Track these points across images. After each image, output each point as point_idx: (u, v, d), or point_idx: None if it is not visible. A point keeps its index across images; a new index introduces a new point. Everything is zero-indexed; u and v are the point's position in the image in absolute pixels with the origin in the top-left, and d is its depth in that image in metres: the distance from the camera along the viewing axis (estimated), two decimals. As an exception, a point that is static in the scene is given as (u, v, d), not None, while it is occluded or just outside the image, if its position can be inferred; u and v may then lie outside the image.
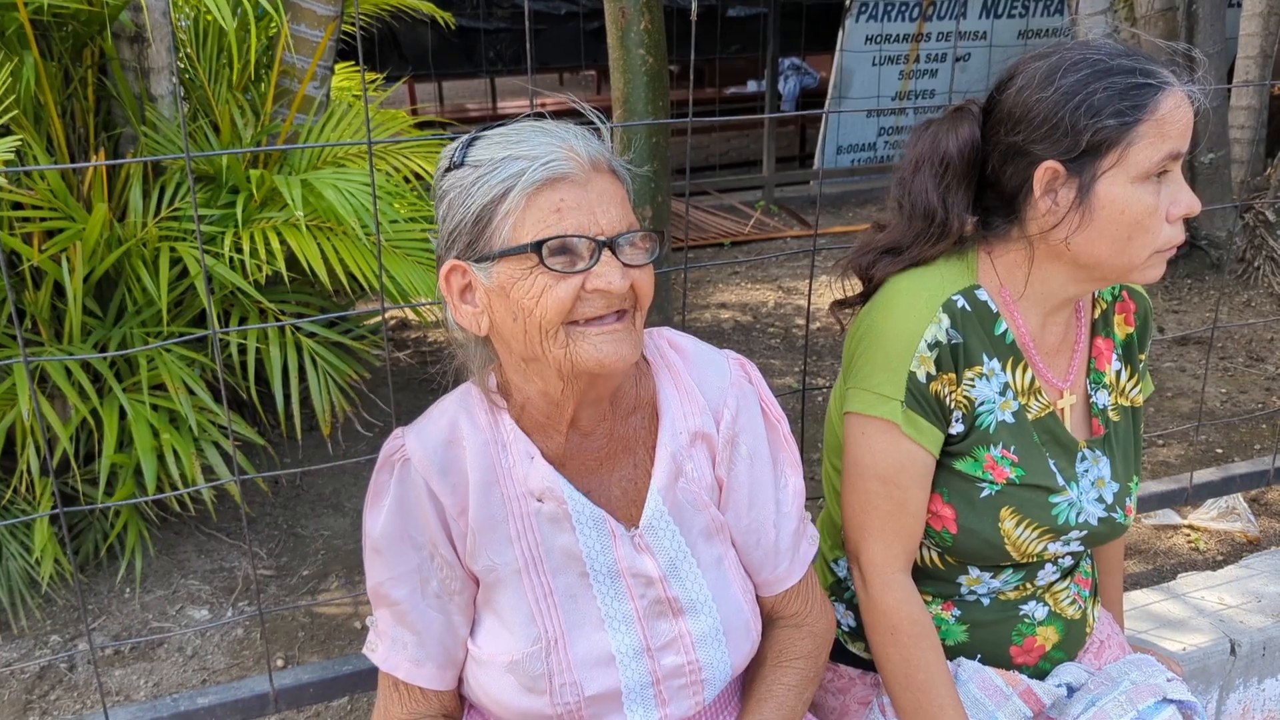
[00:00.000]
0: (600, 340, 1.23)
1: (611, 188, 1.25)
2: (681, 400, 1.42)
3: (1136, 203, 1.42)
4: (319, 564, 3.52)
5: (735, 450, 1.44)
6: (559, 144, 1.22)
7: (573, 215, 1.20)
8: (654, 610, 1.39)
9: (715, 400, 1.43)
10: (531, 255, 1.20)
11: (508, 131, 1.26)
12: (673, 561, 1.39)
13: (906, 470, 1.55)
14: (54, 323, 3.32)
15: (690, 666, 1.40)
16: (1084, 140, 1.42)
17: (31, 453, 3.05)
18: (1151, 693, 1.63)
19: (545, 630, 1.36)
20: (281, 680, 1.96)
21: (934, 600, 1.68)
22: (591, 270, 1.21)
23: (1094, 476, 1.63)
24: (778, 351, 5.37)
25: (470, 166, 1.24)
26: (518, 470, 1.36)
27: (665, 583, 1.39)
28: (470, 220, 1.23)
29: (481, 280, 1.25)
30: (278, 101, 3.88)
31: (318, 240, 3.29)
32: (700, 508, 1.42)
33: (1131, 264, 1.46)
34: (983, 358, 1.54)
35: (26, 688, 2.96)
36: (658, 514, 1.39)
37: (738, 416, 1.43)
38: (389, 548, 1.36)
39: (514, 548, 1.36)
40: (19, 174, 3.13)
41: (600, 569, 1.37)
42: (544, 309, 1.21)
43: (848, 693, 1.77)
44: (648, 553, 1.38)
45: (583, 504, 1.36)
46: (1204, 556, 3.47)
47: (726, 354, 1.49)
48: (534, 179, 1.20)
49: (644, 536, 1.38)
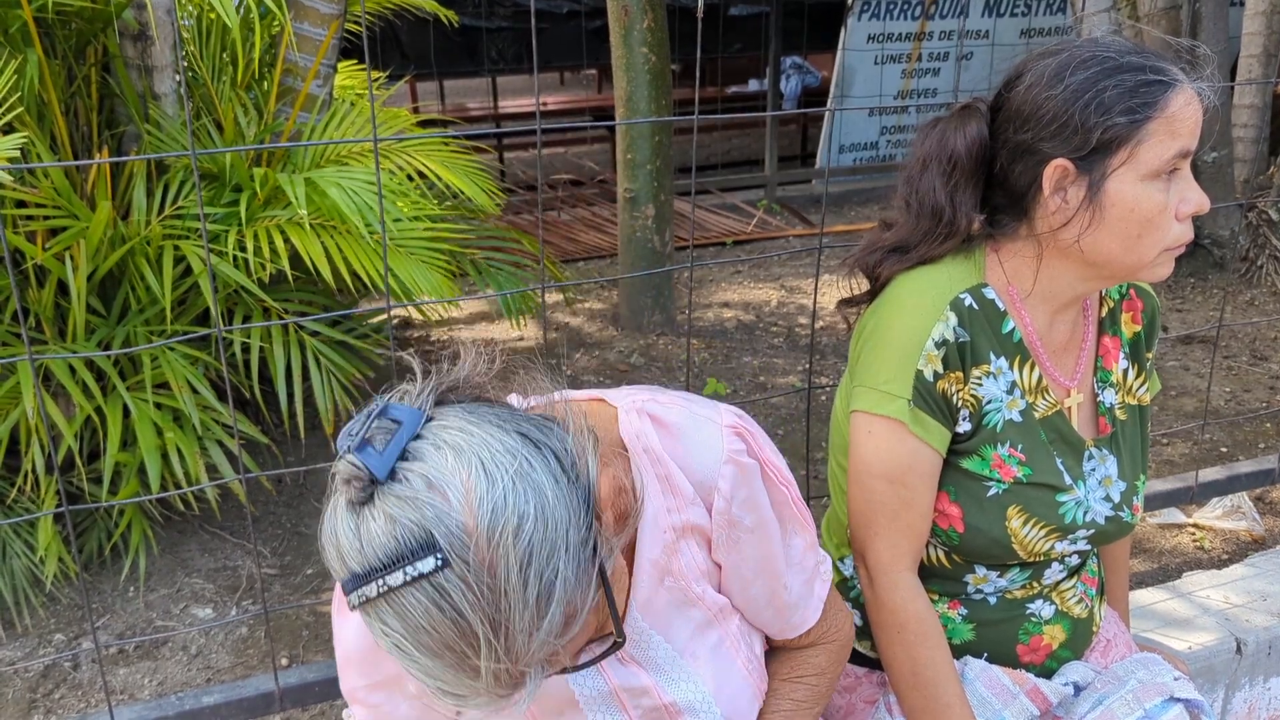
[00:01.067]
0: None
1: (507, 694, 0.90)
2: (663, 494, 1.20)
3: (1147, 200, 1.42)
4: (323, 562, 3.51)
5: (735, 530, 1.25)
6: (460, 681, 0.87)
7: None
8: (651, 717, 1.29)
9: (705, 482, 1.20)
10: None
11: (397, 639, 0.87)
12: (661, 668, 1.28)
13: (913, 469, 1.54)
14: (58, 321, 3.32)
15: None
16: (1094, 138, 1.41)
17: (36, 451, 3.05)
18: (1158, 691, 1.63)
19: None
20: (287, 679, 1.96)
21: (940, 599, 1.68)
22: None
23: (1101, 475, 1.62)
24: (781, 350, 5.36)
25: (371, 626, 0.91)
26: None
27: (659, 690, 1.27)
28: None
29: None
30: (281, 100, 3.88)
31: (321, 239, 3.29)
32: (693, 602, 1.26)
33: (1141, 262, 1.46)
34: (990, 356, 1.54)
35: (31, 686, 2.96)
36: (638, 630, 1.24)
37: (734, 498, 1.22)
38: (361, 659, 1.22)
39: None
40: (23, 172, 3.13)
41: (591, 694, 1.27)
42: None
43: (854, 691, 1.76)
44: (635, 664, 1.27)
45: None
46: (1209, 555, 3.47)
47: (722, 422, 1.23)
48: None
49: (629, 651, 1.26)
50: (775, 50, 8.47)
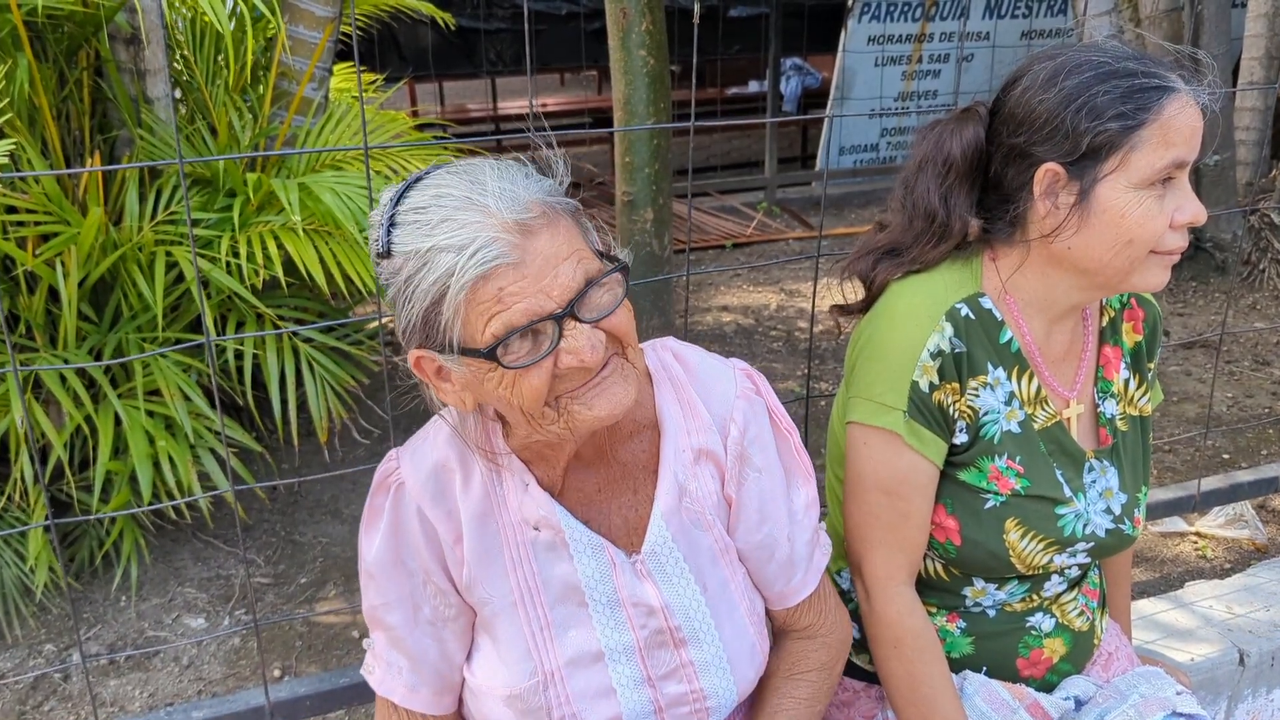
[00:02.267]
0: (593, 399, 1.17)
1: (552, 243, 1.12)
2: (684, 416, 1.35)
3: (1137, 209, 1.39)
4: (317, 571, 3.49)
5: (745, 466, 1.38)
6: (482, 222, 1.09)
7: (520, 300, 1.10)
8: (655, 640, 1.34)
9: (721, 414, 1.36)
10: (489, 360, 1.13)
11: (423, 205, 1.14)
12: (676, 589, 1.34)
13: (909, 481, 1.52)
14: (48, 328, 3.29)
15: (694, 695, 1.36)
16: (1084, 143, 1.39)
17: (26, 460, 3.02)
18: (1160, 706, 1.60)
19: (542, 664, 1.32)
20: (277, 693, 1.93)
21: (938, 612, 1.65)
22: (559, 349, 1.12)
23: (1102, 487, 1.60)
24: (780, 355, 5.34)
25: (400, 256, 1.14)
26: (512, 499, 1.31)
27: (667, 612, 1.34)
28: (418, 320, 1.14)
29: (451, 366, 1.17)
30: (276, 103, 3.85)
31: (315, 244, 3.26)
32: (705, 528, 1.36)
33: (1131, 269, 1.43)
34: (987, 367, 1.52)
35: (20, 698, 2.93)
36: (661, 540, 1.33)
37: (746, 431, 1.37)
38: (382, 573, 1.33)
39: (510, 578, 1.32)
40: (13, 178, 3.10)
41: (599, 598, 1.32)
42: (520, 398, 1.15)
43: (852, 705, 1.74)
44: (649, 580, 1.33)
45: (580, 531, 1.31)
46: (1211, 564, 3.44)
47: (733, 364, 1.42)
48: (467, 278, 1.09)
49: (646, 563, 1.33)
50: (775, 52, 8.45)
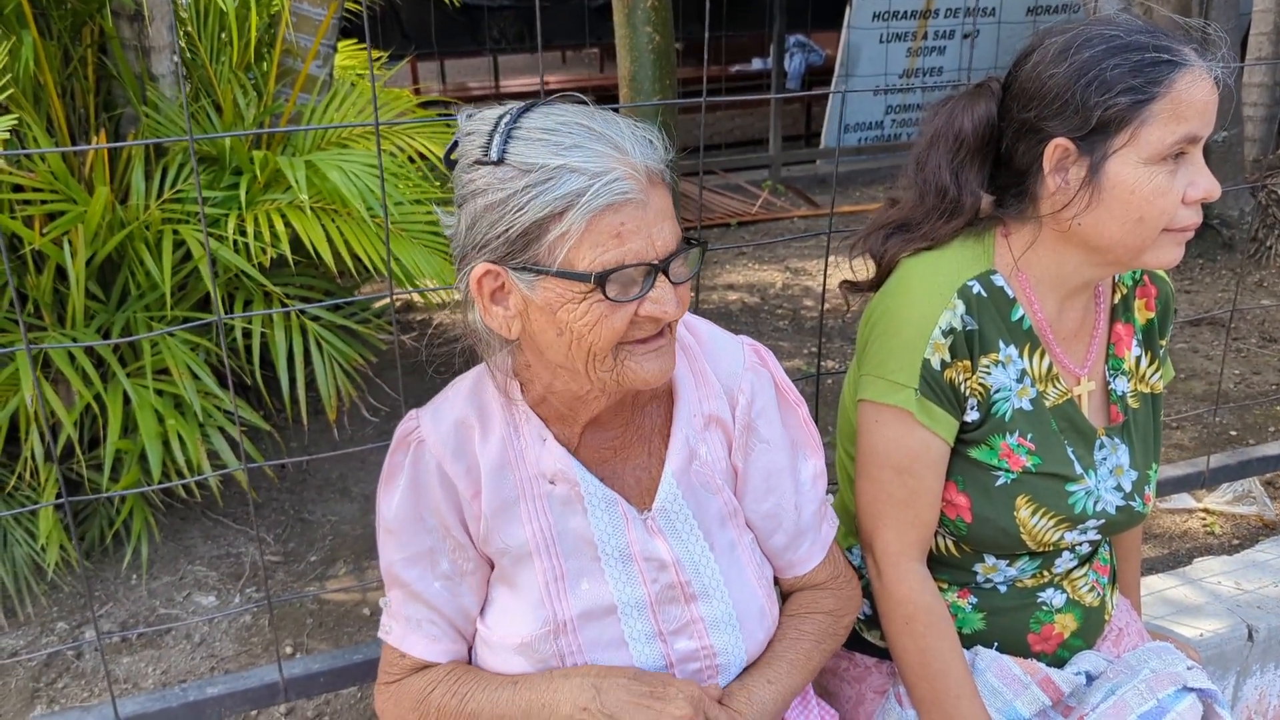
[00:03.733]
0: (647, 359, 1.22)
1: (665, 201, 1.18)
2: (696, 383, 1.40)
3: (1148, 184, 1.38)
4: (326, 549, 3.50)
5: (752, 437, 1.42)
6: (617, 157, 1.13)
7: (633, 240, 1.14)
8: (666, 595, 1.38)
9: (730, 385, 1.42)
10: (590, 284, 1.14)
11: (552, 127, 1.15)
12: (686, 546, 1.38)
13: (921, 459, 1.52)
14: (56, 307, 3.29)
15: (705, 652, 1.39)
16: (1094, 117, 1.38)
17: (35, 439, 3.03)
18: (1172, 681, 1.60)
19: (555, 613, 1.35)
20: (291, 670, 1.94)
21: (950, 588, 1.66)
22: (646, 296, 1.17)
23: (1112, 465, 1.60)
24: (786, 334, 5.33)
25: (515, 169, 1.14)
26: (530, 453, 1.35)
27: (678, 567, 1.37)
28: (517, 232, 1.14)
29: (521, 289, 1.18)
30: (280, 81, 3.84)
31: (322, 222, 3.26)
32: (714, 491, 1.41)
33: (1143, 246, 1.43)
34: (999, 344, 1.51)
35: (34, 675, 2.95)
36: (671, 497, 1.37)
37: (753, 402, 1.42)
38: (401, 529, 1.36)
39: (526, 530, 1.35)
40: (19, 156, 3.10)
41: (612, 552, 1.36)
42: (597, 336, 1.17)
43: (863, 681, 1.75)
44: (660, 536, 1.37)
45: (595, 486, 1.35)
46: (1219, 540, 3.44)
47: (741, 339, 1.48)
48: (596, 204, 1.11)
49: (657, 519, 1.37)
50: (779, 28, 8.39)
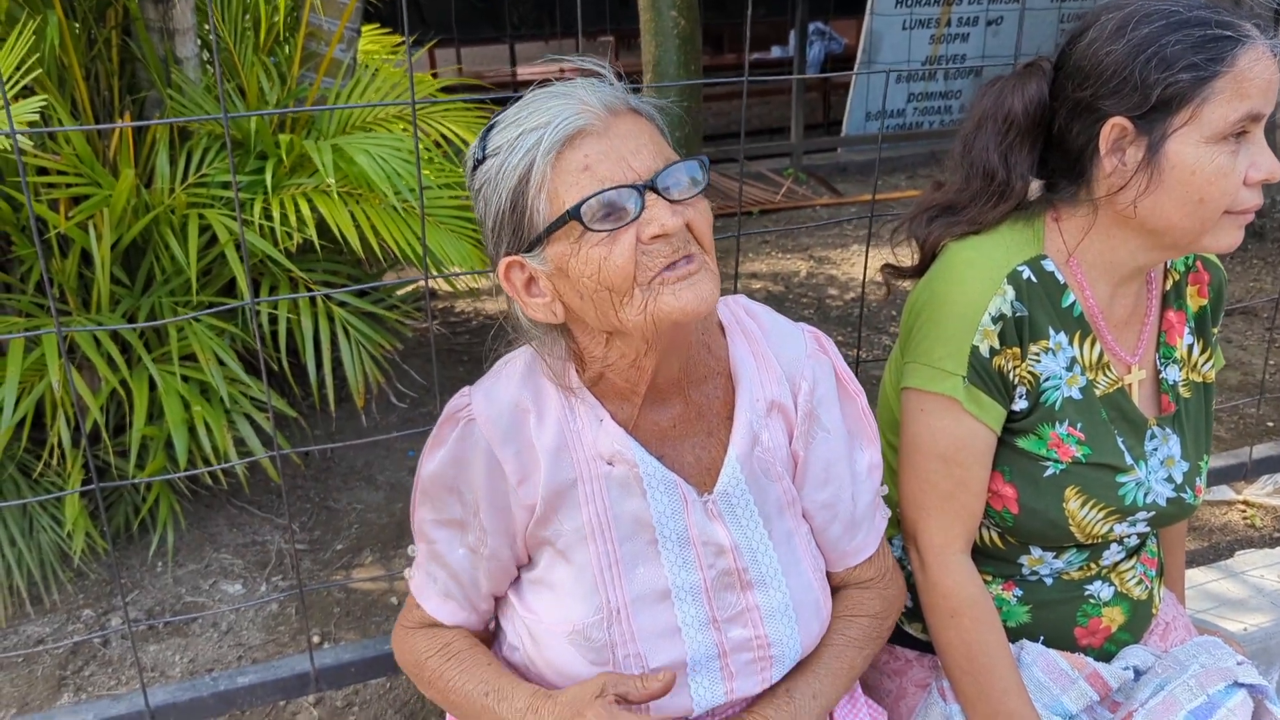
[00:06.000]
0: (680, 288, 1.17)
1: (635, 127, 1.20)
2: (759, 368, 1.38)
3: (1209, 164, 1.34)
4: (352, 538, 3.49)
5: (814, 425, 1.40)
6: (567, 101, 1.18)
7: (602, 167, 1.15)
8: (722, 582, 1.35)
9: (792, 372, 1.39)
10: (574, 224, 1.14)
11: (516, 109, 1.22)
12: (745, 532, 1.36)
13: (967, 448, 1.49)
14: (81, 291, 3.28)
15: (759, 641, 1.37)
16: (1154, 95, 1.34)
17: (62, 424, 3.02)
18: (1222, 676, 1.57)
19: (608, 600, 1.32)
20: (322, 659, 1.92)
21: (994, 580, 1.62)
22: (640, 219, 1.15)
23: (1163, 455, 1.56)
24: (812, 322, 5.24)
25: (492, 156, 1.21)
26: (586, 434, 1.32)
27: (736, 553, 1.35)
28: (506, 208, 1.19)
29: (539, 269, 1.21)
30: (304, 65, 3.81)
31: (349, 207, 3.23)
32: (774, 479, 1.38)
33: (1203, 229, 1.39)
34: (1049, 331, 1.48)
35: (60, 663, 2.94)
36: (734, 481, 1.35)
37: (815, 389, 1.40)
38: (435, 493, 1.37)
39: (582, 513, 1.33)
40: (44, 137, 3.08)
41: (670, 535, 1.33)
42: (609, 274, 1.16)
43: (905, 675, 1.72)
44: (719, 521, 1.35)
45: (654, 466, 1.32)
46: (1260, 533, 3.40)
47: (802, 326, 1.45)
48: (552, 143, 1.15)
49: (717, 504, 1.35)
50: (801, 15, 8.32)
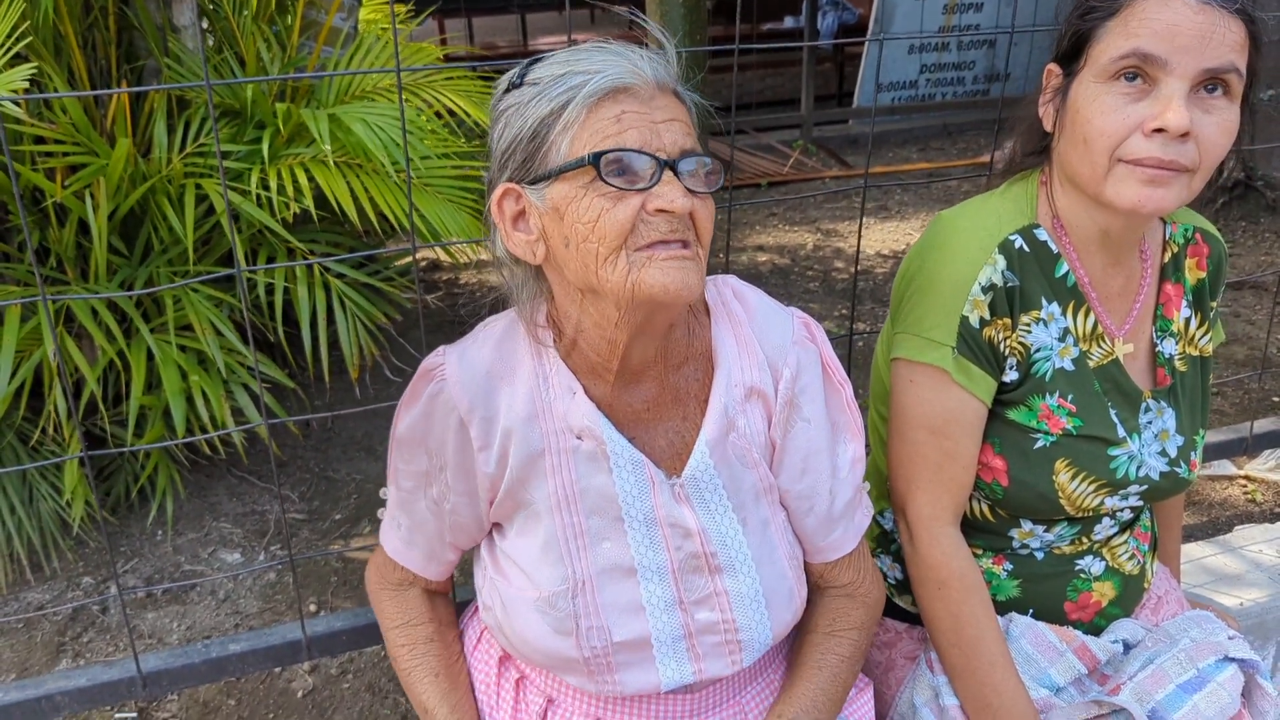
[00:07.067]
0: (669, 266, 1.16)
1: (675, 109, 1.20)
2: (740, 352, 1.36)
3: (1092, 102, 1.33)
4: (351, 508, 3.49)
5: (794, 413, 1.37)
6: (622, 60, 1.17)
7: (634, 127, 1.15)
8: (690, 564, 1.34)
9: (775, 357, 1.36)
10: (589, 170, 1.14)
11: (570, 51, 1.22)
12: (714, 517, 1.34)
13: (956, 420, 1.47)
14: (79, 261, 3.27)
15: (726, 625, 1.35)
16: (1065, 41, 1.39)
17: (59, 393, 3.02)
18: (1212, 650, 1.56)
19: (574, 571, 1.32)
20: (314, 628, 1.92)
21: (984, 553, 1.61)
22: (652, 190, 1.14)
23: (1158, 429, 1.54)
24: (816, 295, 5.27)
25: (530, 85, 1.20)
26: (558, 405, 1.31)
27: (704, 537, 1.33)
28: (526, 135, 1.18)
29: (535, 204, 1.20)
30: (304, 34, 3.79)
31: (346, 177, 3.21)
32: (750, 466, 1.36)
33: (1097, 175, 1.35)
34: (1041, 301, 1.46)
35: (59, 629, 2.96)
36: (703, 467, 1.33)
37: (798, 377, 1.36)
38: (405, 446, 1.39)
39: (549, 483, 1.32)
40: (40, 105, 3.06)
41: (636, 515, 1.32)
42: (601, 232, 1.14)
43: (894, 647, 1.71)
44: (687, 504, 1.33)
45: (622, 445, 1.31)
46: (1260, 508, 3.38)
47: (792, 311, 1.42)
48: (595, 89, 1.15)
49: (685, 488, 1.33)
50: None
